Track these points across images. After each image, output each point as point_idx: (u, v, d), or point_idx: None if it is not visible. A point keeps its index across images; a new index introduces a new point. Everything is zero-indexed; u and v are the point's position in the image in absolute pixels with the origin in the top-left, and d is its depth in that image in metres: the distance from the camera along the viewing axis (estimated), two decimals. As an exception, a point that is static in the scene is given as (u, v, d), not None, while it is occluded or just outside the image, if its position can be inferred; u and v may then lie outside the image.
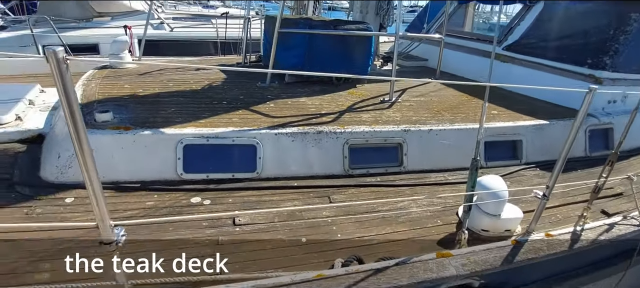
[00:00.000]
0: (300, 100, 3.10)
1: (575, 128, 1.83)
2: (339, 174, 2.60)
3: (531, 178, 3.01)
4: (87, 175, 1.10)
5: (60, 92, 0.95)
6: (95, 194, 1.13)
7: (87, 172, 1.10)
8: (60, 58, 0.91)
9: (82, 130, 1.03)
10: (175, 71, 3.77)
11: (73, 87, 0.98)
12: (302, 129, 2.55)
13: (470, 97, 3.75)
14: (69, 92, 0.95)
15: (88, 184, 1.12)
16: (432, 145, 2.83)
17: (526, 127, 3.21)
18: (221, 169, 2.39)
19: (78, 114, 1.00)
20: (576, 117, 1.83)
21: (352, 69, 3.47)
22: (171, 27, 7.08)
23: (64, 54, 0.93)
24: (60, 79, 0.93)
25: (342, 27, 3.37)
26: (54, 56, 0.90)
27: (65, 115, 0.99)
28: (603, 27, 3.88)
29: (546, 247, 1.94)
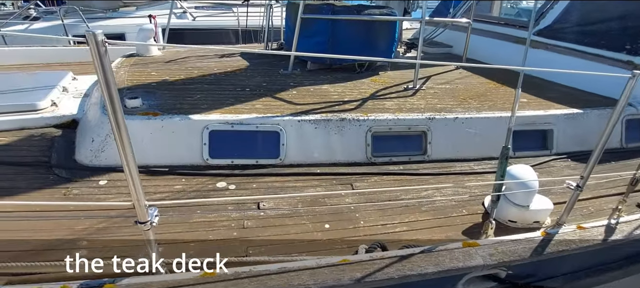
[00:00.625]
0: (322, 87, 3.09)
1: (615, 117, 1.74)
2: (361, 162, 2.59)
3: (562, 169, 2.89)
4: (124, 156, 1.15)
5: (99, 73, 0.99)
6: (132, 175, 1.18)
7: (124, 153, 1.14)
8: (99, 41, 0.94)
9: (119, 111, 1.07)
10: (199, 59, 3.83)
11: (111, 68, 1.02)
12: (325, 116, 2.55)
13: (498, 85, 3.62)
14: (107, 73, 0.99)
15: (125, 164, 1.16)
16: (457, 133, 2.76)
17: (558, 116, 3.07)
18: (245, 155, 2.43)
19: (115, 94, 1.04)
20: (616, 106, 1.73)
21: (375, 55, 3.41)
22: (194, 16, 7.18)
23: (103, 37, 0.96)
24: (99, 60, 0.96)
25: (366, 12, 3.30)
26: (94, 39, 0.94)
27: (104, 95, 1.02)
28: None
29: (578, 240, 1.87)
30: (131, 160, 1.16)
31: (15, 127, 2.65)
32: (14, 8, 9.21)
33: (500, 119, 2.86)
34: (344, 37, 3.31)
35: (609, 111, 3.36)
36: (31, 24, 6.84)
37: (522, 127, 2.97)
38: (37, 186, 2.16)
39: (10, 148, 2.47)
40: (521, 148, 3.00)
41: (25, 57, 4.63)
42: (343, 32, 3.30)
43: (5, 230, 1.76)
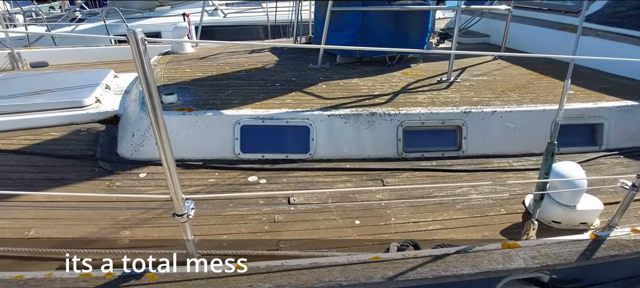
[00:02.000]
0: (352, 81, 3.04)
1: None
2: (392, 157, 2.53)
3: (612, 166, 2.67)
4: (163, 151, 1.19)
5: (139, 70, 1.02)
6: (170, 169, 1.21)
7: (163, 148, 1.18)
8: (139, 38, 0.97)
9: (158, 106, 1.10)
10: (229, 55, 3.90)
11: (150, 65, 1.05)
12: (355, 111, 2.51)
13: (540, 76, 3.39)
14: (146, 69, 1.02)
15: (163, 159, 1.20)
16: (495, 128, 2.62)
17: (609, 109, 2.83)
18: (276, 150, 2.45)
19: (154, 90, 1.07)
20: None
21: (407, 47, 3.30)
22: (224, 13, 7.34)
23: (143, 35, 0.99)
24: (139, 57, 0.99)
25: (398, 2, 3.20)
26: (134, 37, 0.97)
27: (143, 90, 1.06)
28: None
29: (632, 244, 1.71)
30: (169, 154, 1.20)
31: (64, 123, 2.84)
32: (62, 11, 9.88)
33: (543, 112, 2.68)
34: (375, 29, 3.22)
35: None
36: (77, 25, 7.30)
37: (568, 120, 2.76)
38: (84, 178, 2.30)
39: (59, 142, 2.66)
40: (566, 143, 2.79)
41: (72, 56, 4.96)
42: (373, 23, 3.21)
43: (56, 219, 1.90)
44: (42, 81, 3.44)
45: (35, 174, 2.29)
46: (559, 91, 3.07)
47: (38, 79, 3.61)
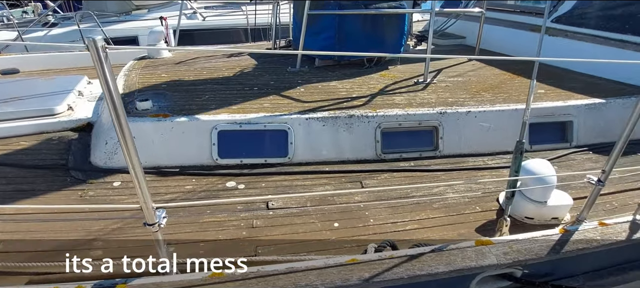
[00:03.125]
0: (330, 84, 3.05)
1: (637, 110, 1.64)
2: (370, 159, 2.55)
3: (582, 162, 2.77)
4: (130, 161, 1.16)
5: (101, 79, 0.99)
6: (138, 179, 1.19)
7: (130, 158, 1.15)
8: (99, 47, 0.95)
9: (123, 116, 1.07)
10: (207, 59, 3.86)
11: (113, 74, 1.02)
12: (333, 113, 2.52)
13: (513, 76, 3.50)
14: (108, 78, 0.99)
15: (131, 169, 1.17)
16: (470, 128, 2.68)
17: (578, 107, 2.94)
18: (254, 154, 2.43)
19: (118, 99, 1.04)
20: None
21: (384, 49, 3.35)
22: (203, 16, 7.25)
23: (103, 43, 0.96)
24: (100, 66, 0.97)
25: (374, 6, 3.24)
26: (94, 45, 0.94)
27: (106, 100, 1.03)
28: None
29: (599, 237, 1.78)
30: (136, 163, 1.17)
31: (35, 131, 2.74)
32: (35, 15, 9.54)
33: (515, 111, 2.76)
34: (352, 32, 3.25)
35: (635, 100, 3.18)
36: (50, 30, 7.06)
37: (539, 119, 2.86)
38: (55, 188, 2.22)
39: (30, 152, 2.56)
40: (539, 141, 2.90)
41: (44, 63, 4.79)
42: (350, 27, 3.24)
43: (26, 232, 1.82)
44: (12, 89, 3.32)
45: (4, 186, 2.20)
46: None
47: (7, 86, 3.47)
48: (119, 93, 1.05)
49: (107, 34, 6.14)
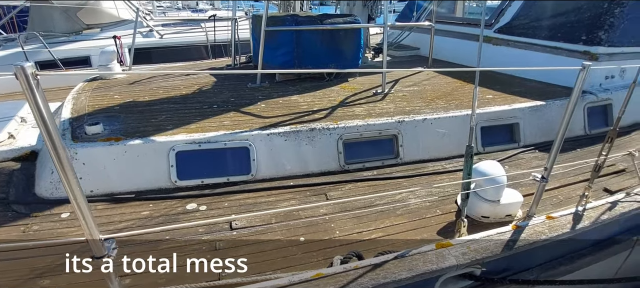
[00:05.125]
0: (291, 98, 3.07)
1: (570, 108, 1.80)
2: (334, 170, 2.57)
3: (530, 160, 2.98)
4: (70, 190, 1.08)
5: (32, 107, 0.93)
6: (81, 209, 1.11)
7: (70, 187, 1.08)
8: (29, 74, 0.89)
9: (59, 145, 1.01)
10: (165, 78, 3.73)
11: (46, 101, 0.96)
12: (295, 128, 2.52)
13: (463, 83, 3.71)
14: (40, 106, 0.93)
15: (72, 199, 1.10)
16: (427, 134, 2.80)
17: (522, 110, 3.17)
18: (215, 174, 2.37)
19: (53, 127, 0.98)
20: (570, 97, 1.79)
21: (343, 63, 3.43)
22: (161, 34, 7.04)
23: (33, 69, 0.90)
24: (31, 93, 0.90)
25: (329, 21, 3.32)
26: (23, 72, 0.88)
27: (40, 129, 0.96)
28: (596, 1, 3.83)
29: (547, 230, 1.91)
30: (78, 192, 1.10)
31: (-30, 164, 2.49)
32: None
33: (466, 116, 2.92)
34: (310, 47, 3.31)
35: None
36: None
37: (489, 122, 3.05)
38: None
39: (-38, 187, 2.31)
40: (491, 143, 3.08)
41: (-17, 88, 4.39)
42: (308, 42, 3.30)
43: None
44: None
45: None
46: (481, 97, 3.38)
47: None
48: (53, 120, 0.98)
49: (56, 55, 5.76)
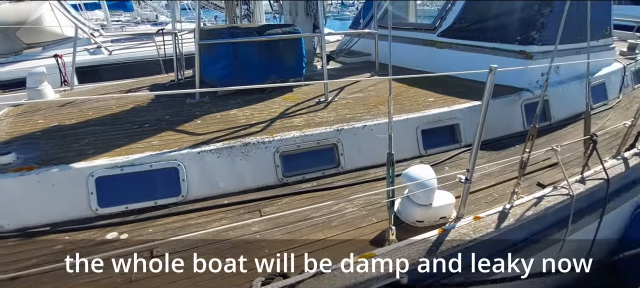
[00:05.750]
0: (230, 112, 2.98)
1: (483, 111, 1.84)
2: (273, 184, 2.50)
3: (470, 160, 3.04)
4: None
5: None
6: None
7: None
8: None
9: None
10: (101, 97, 3.54)
11: None
12: (228, 143, 2.43)
13: (408, 87, 3.77)
14: None
15: None
16: (368, 141, 2.79)
17: (462, 110, 3.24)
18: (141, 198, 2.23)
19: None
20: (483, 100, 1.82)
21: (285, 73, 3.38)
22: (110, 50, 6.75)
23: None
24: None
25: (267, 32, 3.27)
26: None
27: None
28: (528, 2, 4.01)
29: (472, 231, 1.92)
30: None
31: None
32: None
33: (406, 120, 2.95)
34: (249, 59, 3.24)
35: (509, 99, 3.62)
36: None
37: (430, 125, 3.09)
38: None
39: None
40: (432, 145, 3.12)
41: None
42: (246, 54, 3.23)
43: None
44: None
45: None
46: (423, 100, 3.44)
47: None
48: None
49: None
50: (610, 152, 3.04)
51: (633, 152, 2.97)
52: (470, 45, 4.19)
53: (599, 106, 4.39)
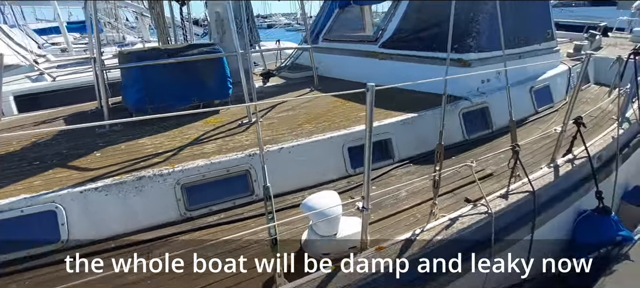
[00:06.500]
0: (139, 141, 2.74)
1: (368, 132, 1.67)
2: (175, 220, 2.27)
3: (400, 177, 2.88)
4: None
5: None
6: None
7: None
8: None
9: None
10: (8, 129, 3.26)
11: None
12: (119, 179, 2.20)
13: (344, 102, 3.62)
14: None
15: None
16: (285, 164, 2.60)
17: (394, 124, 3.11)
18: (11, 249, 1.96)
19: None
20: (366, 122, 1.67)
21: (207, 95, 3.18)
22: (53, 76, 6.41)
23: None
24: None
25: (181, 53, 3.08)
26: None
27: None
28: (463, 10, 3.96)
29: (373, 265, 1.73)
30: None
31: None
32: None
33: (330, 139, 2.78)
34: (161, 82, 3.02)
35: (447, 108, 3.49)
36: None
37: (358, 142, 2.92)
38: None
39: None
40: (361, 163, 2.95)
41: None
42: (157, 77, 3.02)
43: None
44: None
45: None
46: (354, 115, 3.29)
47: None
48: None
49: None
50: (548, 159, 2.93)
51: (567, 158, 2.87)
52: (409, 56, 4.09)
53: (544, 109, 4.35)
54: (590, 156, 2.84)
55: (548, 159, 2.87)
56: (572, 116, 2.86)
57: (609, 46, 6.60)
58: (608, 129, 3.41)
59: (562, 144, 2.90)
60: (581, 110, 4.44)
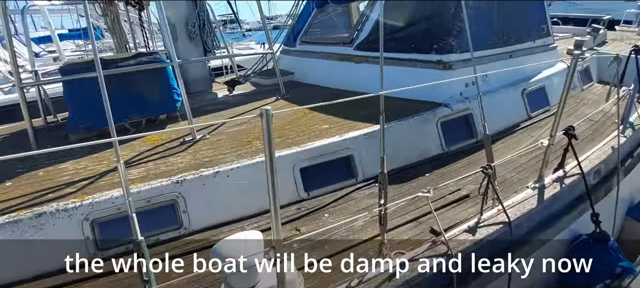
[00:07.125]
0: (60, 166, 2.42)
1: (269, 169, 1.32)
2: (82, 262, 1.95)
3: (363, 199, 2.52)
4: None
5: None
6: None
7: None
8: None
9: None
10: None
11: None
12: (15, 216, 1.89)
13: (307, 112, 3.26)
14: None
15: None
16: (222, 191, 2.26)
17: (357, 138, 2.74)
18: None
19: None
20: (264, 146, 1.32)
21: (149, 110, 2.86)
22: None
23: None
24: None
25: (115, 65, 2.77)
26: None
27: None
28: (443, 7, 3.56)
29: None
30: None
31: None
32: None
33: (280, 158, 2.42)
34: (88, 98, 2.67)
35: (421, 117, 3.09)
36: None
37: (313, 161, 2.57)
38: None
39: None
40: (323, 183, 2.60)
41: None
42: (84, 92, 2.69)
43: None
44: None
45: None
46: (315, 128, 2.93)
47: None
48: None
49: None
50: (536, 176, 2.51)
51: (556, 176, 2.46)
52: (387, 58, 3.69)
53: (539, 114, 3.91)
54: (583, 173, 2.43)
55: (536, 176, 2.47)
56: (566, 124, 2.46)
57: (615, 41, 6.08)
58: (608, 136, 2.98)
59: (552, 158, 2.49)
60: (581, 113, 3.99)
